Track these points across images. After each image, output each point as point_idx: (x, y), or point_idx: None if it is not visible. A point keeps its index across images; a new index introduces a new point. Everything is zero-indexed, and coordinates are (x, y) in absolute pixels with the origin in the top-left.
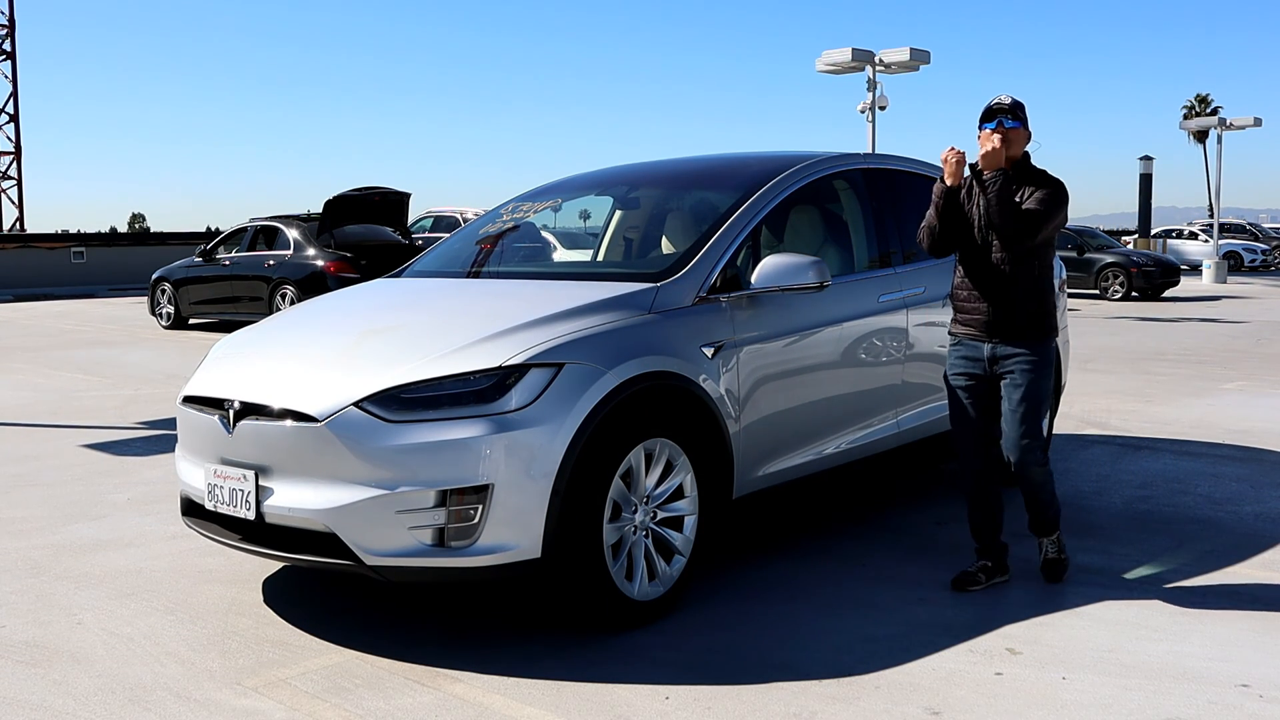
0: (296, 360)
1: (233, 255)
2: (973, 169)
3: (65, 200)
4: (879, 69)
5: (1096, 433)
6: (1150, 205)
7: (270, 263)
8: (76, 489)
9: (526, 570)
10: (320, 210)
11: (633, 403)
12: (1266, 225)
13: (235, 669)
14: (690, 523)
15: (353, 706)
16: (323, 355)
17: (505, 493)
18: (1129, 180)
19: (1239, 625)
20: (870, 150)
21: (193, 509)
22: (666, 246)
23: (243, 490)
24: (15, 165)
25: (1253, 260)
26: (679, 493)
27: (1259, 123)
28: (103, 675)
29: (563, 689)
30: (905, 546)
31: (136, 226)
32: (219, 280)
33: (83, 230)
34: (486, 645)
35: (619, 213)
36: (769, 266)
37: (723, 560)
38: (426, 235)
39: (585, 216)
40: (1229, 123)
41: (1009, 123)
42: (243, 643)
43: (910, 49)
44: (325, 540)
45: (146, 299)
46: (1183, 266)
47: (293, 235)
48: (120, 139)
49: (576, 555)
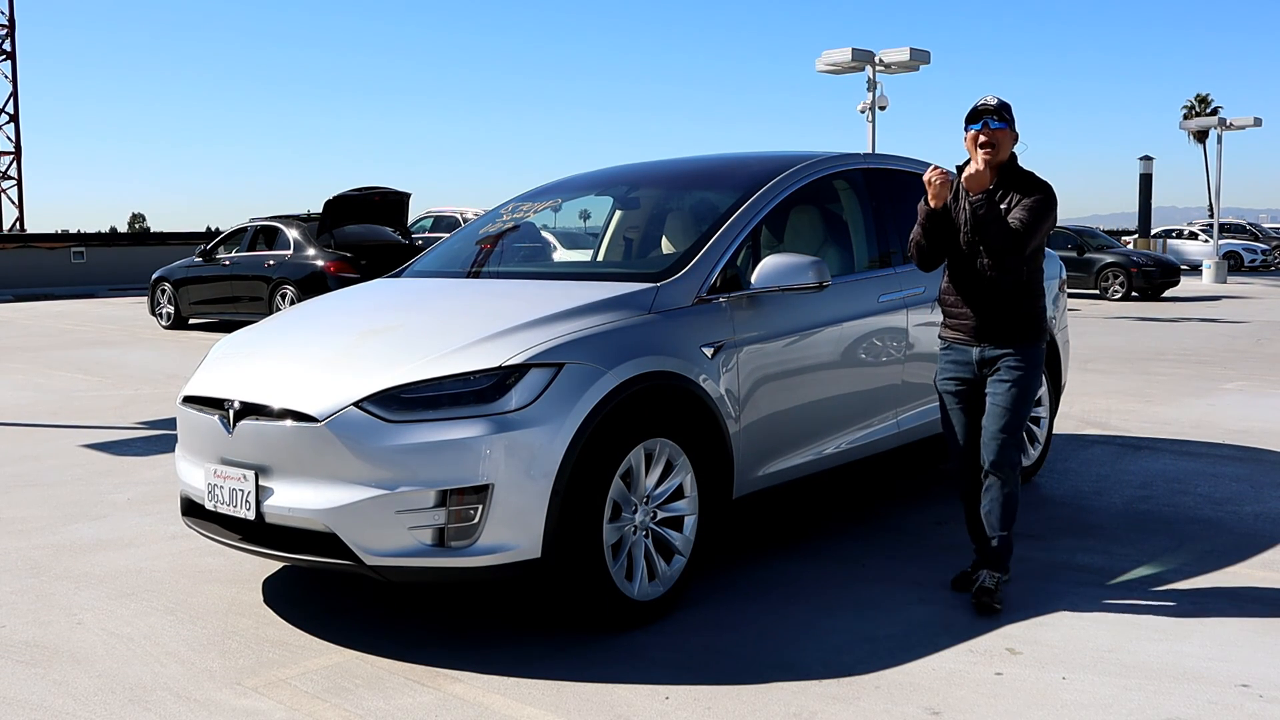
0: (296, 360)
1: (233, 255)
2: (958, 169)
3: (65, 200)
4: (879, 69)
5: (1096, 433)
6: (1150, 205)
7: (270, 263)
8: (76, 489)
9: (526, 570)
10: (320, 210)
11: (633, 403)
12: (1266, 225)
13: (235, 669)
14: (690, 523)
15: (353, 706)
16: (323, 355)
17: (505, 493)
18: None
19: (1239, 625)
20: (870, 150)
21: (193, 509)
22: (666, 246)
23: (243, 490)
24: (15, 165)
25: (1253, 260)
26: (679, 493)
27: (1259, 123)
28: (103, 675)
29: (563, 689)
30: (905, 546)
31: (136, 226)
32: (219, 280)
33: (83, 230)
34: (486, 645)
35: (619, 213)
36: (769, 266)
37: (723, 560)
38: (426, 235)
39: (585, 216)
40: (1229, 123)
41: (995, 124)
42: (243, 643)
43: (910, 49)
44: (325, 540)
45: (146, 299)
46: (1183, 266)
47: (293, 235)
48: (120, 139)
49: (576, 555)
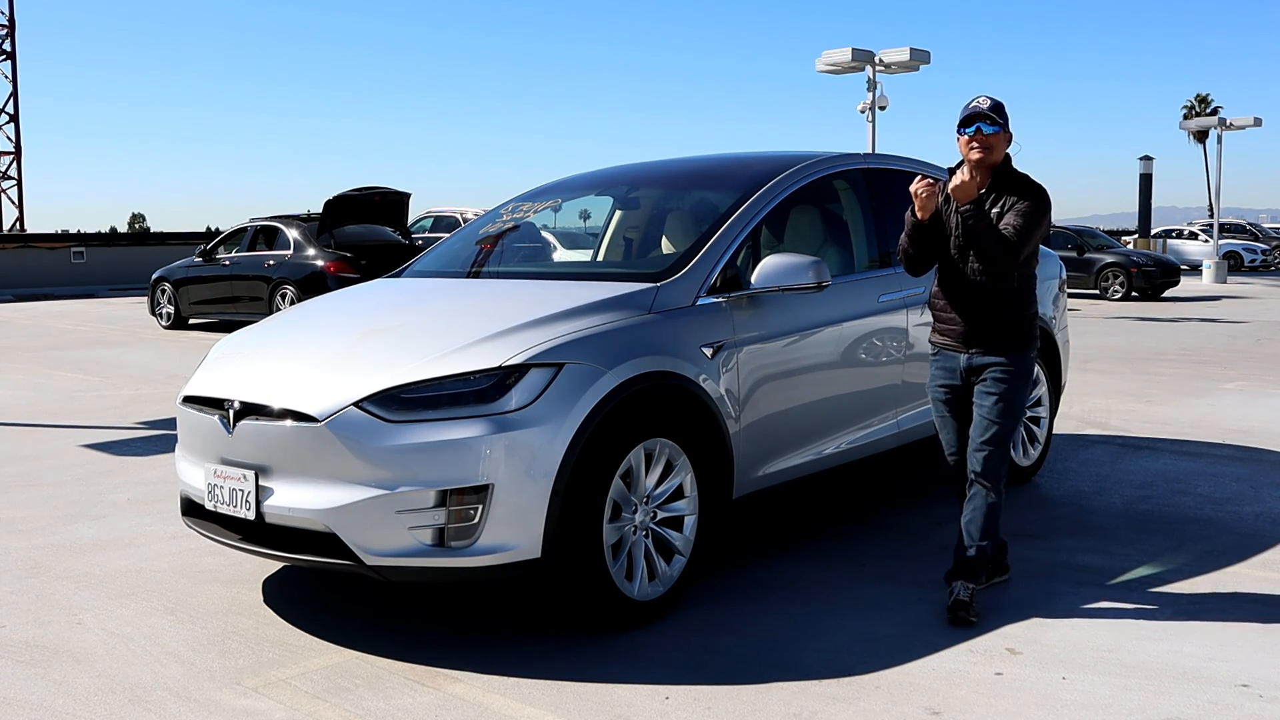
0: (296, 360)
1: (233, 255)
2: (950, 173)
3: (65, 200)
4: (879, 69)
5: (1096, 433)
6: (1150, 205)
7: (270, 263)
8: (76, 489)
9: (526, 570)
10: (320, 210)
11: (633, 403)
12: (1266, 225)
13: (235, 669)
14: (690, 523)
15: (353, 706)
16: (323, 355)
17: (505, 493)
18: (1129, 180)
19: (1239, 625)
20: (870, 150)
21: (193, 509)
22: (666, 246)
23: (243, 490)
24: (15, 165)
25: (1253, 260)
26: (679, 493)
27: (1259, 123)
28: (103, 675)
29: (563, 689)
30: (905, 546)
31: (136, 226)
32: (219, 280)
33: (83, 230)
34: (486, 645)
35: (619, 213)
36: (769, 266)
37: (723, 560)
38: (426, 235)
39: (585, 216)
40: (1229, 123)
41: (988, 128)
42: (243, 643)
43: (910, 49)
44: (325, 540)
45: (146, 299)
46: (1183, 266)
47: (293, 235)
48: (120, 139)
49: (576, 555)
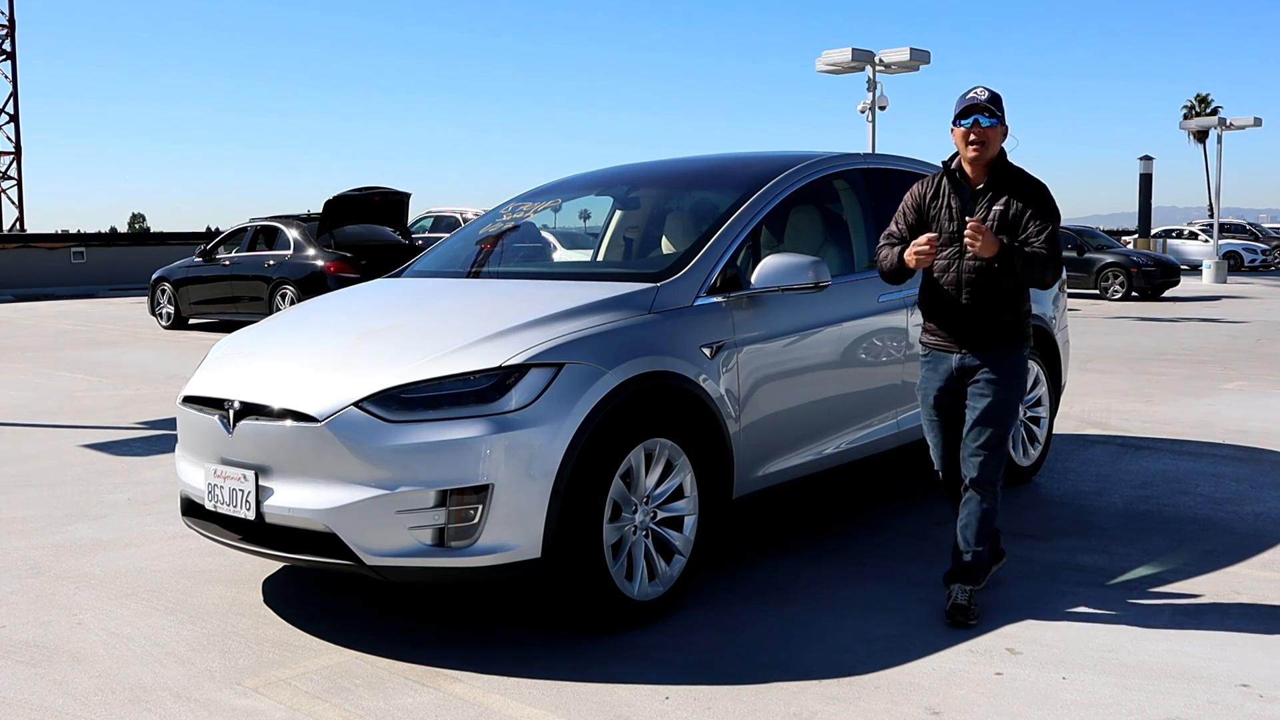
0: (296, 360)
1: (233, 255)
2: (944, 164)
3: (65, 200)
4: (879, 69)
5: (1096, 433)
6: (1150, 205)
7: (270, 263)
8: (76, 489)
9: (526, 570)
10: (320, 210)
11: (633, 403)
12: (1266, 225)
13: (235, 669)
14: (690, 523)
15: (353, 706)
16: (323, 355)
17: (505, 493)
18: (1129, 180)
19: (1239, 625)
20: (870, 150)
21: (193, 509)
22: (666, 246)
23: (243, 490)
24: (15, 165)
25: (1253, 260)
26: (679, 493)
27: (1259, 123)
28: (103, 675)
29: (563, 689)
30: (905, 546)
31: (136, 226)
32: (219, 280)
33: (83, 230)
34: (486, 645)
35: (619, 213)
36: (769, 266)
37: (723, 560)
38: (426, 235)
39: (585, 216)
40: (1229, 123)
41: (986, 120)
42: (243, 643)
43: (910, 49)
44: (325, 540)
45: (146, 299)
46: (1183, 266)
47: (293, 235)
48: (120, 139)
49: (576, 555)
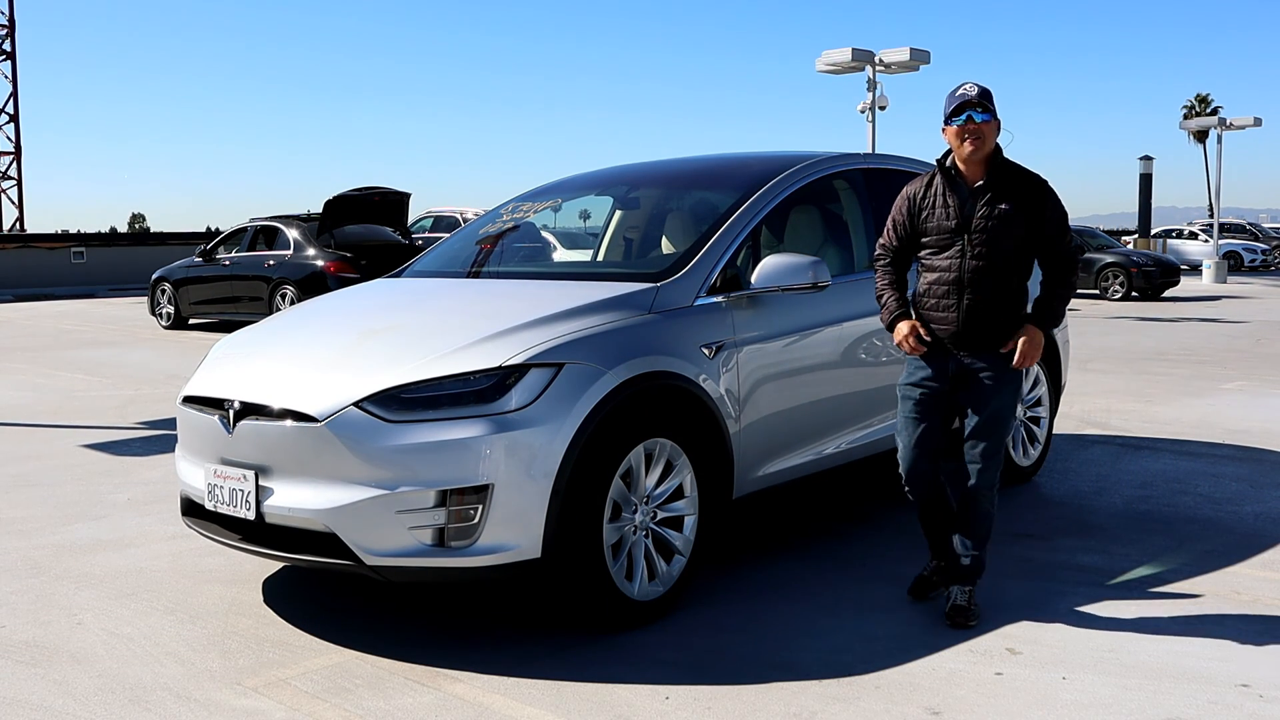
0: (296, 360)
1: (233, 255)
2: (938, 162)
3: (65, 200)
4: (879, 69)
5: (1096, 433)
6: (1150, 205)
7: (270, 263)
8: (76, 489)
9: (526, 570)
10: (320, 210)
11: (633, 403)
12: (1266, 225)
13: (235, 669)
14: (690, 523)
15: (353, 706)
16: (323, 355)
17: (505, 493)
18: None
19: (1239, 625)
20: (870, 150)
21: (193, 509)
22: (666, 246)
23: (243, 490)
24: (15, 165)
25: (1253, 260)
26: (679, 493)
27: (1259, 123)
28: (103, 675)
29: (563, 689)
30: (905, 546)
31: (136, 226)
32: (219, 280)
33: (83, 230)
34: (486, 645)
35: (619, 213)
36: (769, 266)
37: (723, 560)
38: (426, 235)
39: (585, 216)
40: (1229, 123)
41: (979, 116)
42: (243, 643)
43: (910, 49)
44: (325, 540)
45: (146, 299)
46: (1183, 266)
47: (293, 235)
48: (120, 139)
49: (576, 555)
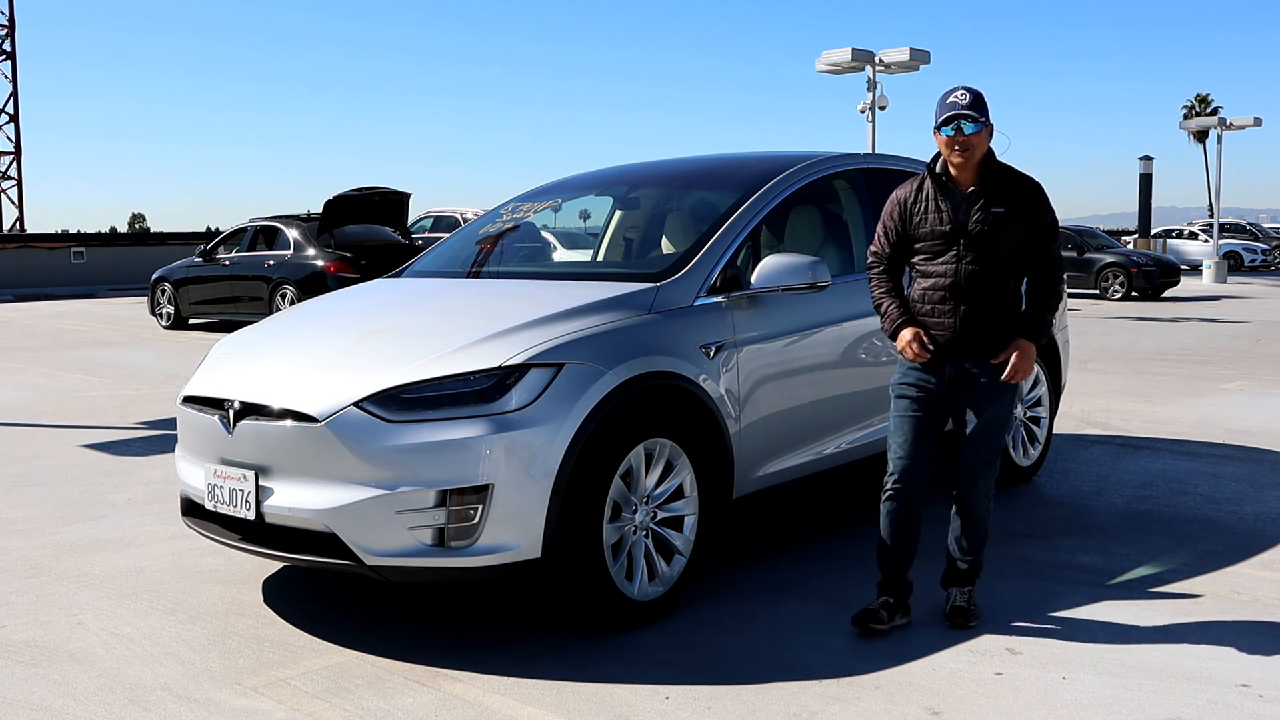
0: (296, 360)
1: (233, 255)
2: (928, 166)
3: (65, 200)
4: (879, 69)
5: (1096, 433)
6: (1150, 205)
7: (270, 263)
8: (76, 489)
9: (526, 570)
10: (320, 210)
11: (633, 403)
12: (1266, 225)
13: (235, 669)
14: (690, 523)
15: (353, 706)
16: (323, 355)
17: (505, 493)
18: (1129, 180)
19: (1239, 625)
20: (870, 150)
21: (193, 509)
22: (666, 246)
23: (243, 490)
24: (15, 165)
25: (1253, 260)
26: (679, 493)
27: (1259, 123)
28: (103, 675)
29: (563, 689)
30: None
31: (136, 226)
32: (219, 280)
33: (83, 230)
34: (486, 645)
35: (619, 213)
36: (769, 266)
37: (723, 560)
38: (426, 235)
39: (585, 216)
40: (1229, 123)
41: (969, 127)
42: (243, 643)
43: (910, 49)
44: (325, 540)
45: (146, 299)
46: (1183, 266)
47: (293, 235)
48: (120, 139)
49: (576, 555)
